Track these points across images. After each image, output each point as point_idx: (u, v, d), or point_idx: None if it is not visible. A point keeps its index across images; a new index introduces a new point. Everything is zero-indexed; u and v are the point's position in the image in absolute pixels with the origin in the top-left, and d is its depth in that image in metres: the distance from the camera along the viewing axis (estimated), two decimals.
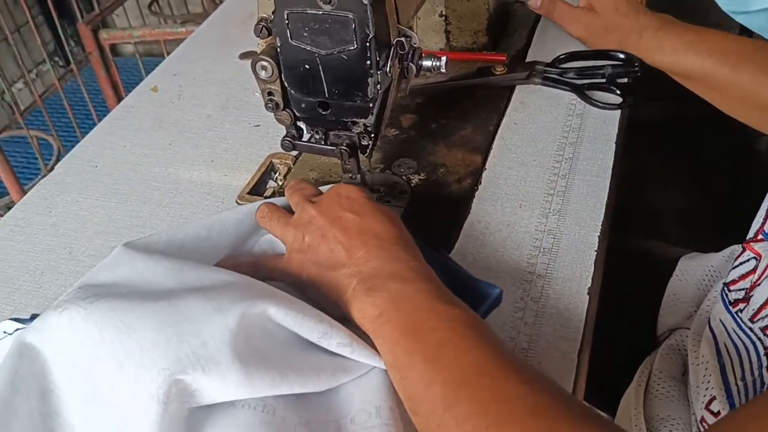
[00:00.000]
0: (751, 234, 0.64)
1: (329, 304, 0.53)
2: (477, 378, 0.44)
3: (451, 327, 0.47)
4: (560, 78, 0.83)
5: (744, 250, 0.65)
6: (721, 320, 0.65)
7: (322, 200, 0.58)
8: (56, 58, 2.48)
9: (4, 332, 0.55)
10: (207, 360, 0.45)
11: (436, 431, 0.44)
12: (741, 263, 0.65)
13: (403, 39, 0.57)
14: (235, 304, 0.47)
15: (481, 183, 0.71)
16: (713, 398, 0.61)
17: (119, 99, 1.69)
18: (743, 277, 0.64)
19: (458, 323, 0.47)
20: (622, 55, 0.83)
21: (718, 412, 0.60)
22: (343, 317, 0.52)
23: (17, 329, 0.54)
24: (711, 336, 0.65)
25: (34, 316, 0.58)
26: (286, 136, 0.63)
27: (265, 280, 0.55)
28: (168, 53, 1.08)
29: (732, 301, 0.64)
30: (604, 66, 0.82)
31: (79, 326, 0.47)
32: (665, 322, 0.75)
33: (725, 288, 0.66)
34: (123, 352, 0.45)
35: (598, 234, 0.64)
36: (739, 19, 0.52)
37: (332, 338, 0.48)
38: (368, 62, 0.54)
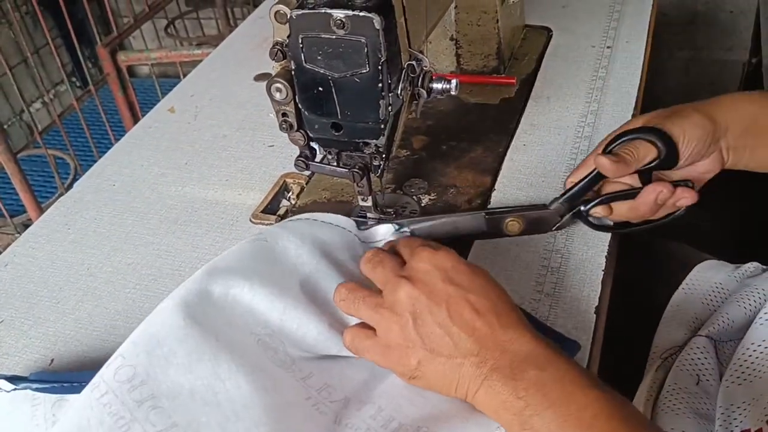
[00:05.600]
0: None
1: (440, 388, 0.51)
2: None
3: (604, 407, 0.46)
4: None
5: None
6: None
7: (417, 275, 0.53)
8: (73, 79, 2.53)
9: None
10: None
11: None
12: None
13: (414, 62, 0.59)
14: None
15: (490, 203, 0.72)
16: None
17: (135, 119, 1.73)
18: None
19: (608, 405, 0.46)
20: None
21: None
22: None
23: (14, 389, 0.55)
24: None
25: (34, 380, 0.56)
26: (299, 156, 0.65)
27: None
28: (184, 75, 1.11)
29: None
30: None
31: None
32: (665, 331, 0.74)
33: None
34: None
35: (605, 254, 0.65)
36: None
37: None
38: (380, 85, 0.56)
